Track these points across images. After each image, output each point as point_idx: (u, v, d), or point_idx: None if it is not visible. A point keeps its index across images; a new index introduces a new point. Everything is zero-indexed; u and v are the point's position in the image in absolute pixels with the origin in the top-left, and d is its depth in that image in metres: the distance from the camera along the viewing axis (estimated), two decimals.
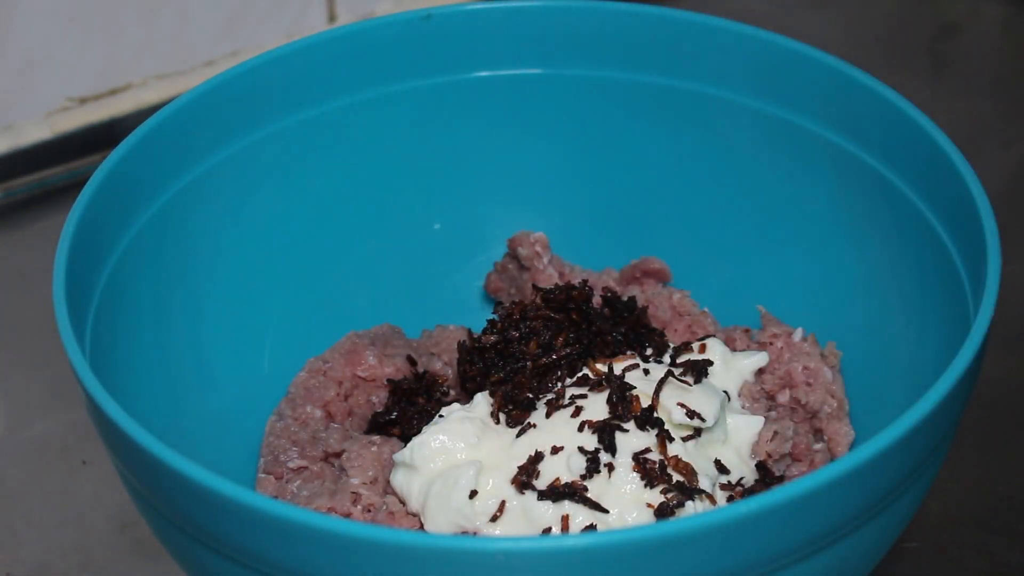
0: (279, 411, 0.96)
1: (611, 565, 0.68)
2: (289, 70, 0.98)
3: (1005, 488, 1.01)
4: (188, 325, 0.95)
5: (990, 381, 0.98)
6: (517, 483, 0.83)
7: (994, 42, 1.47)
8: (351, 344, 0.98)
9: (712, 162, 1.02)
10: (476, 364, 0.91)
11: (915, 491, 0.78)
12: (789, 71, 0.96)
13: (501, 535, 0.82)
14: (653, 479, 0.82)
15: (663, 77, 1.00)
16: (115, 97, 1.32)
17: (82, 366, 0.76)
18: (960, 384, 0.74)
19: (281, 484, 0.92)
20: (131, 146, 0.90)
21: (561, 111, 1.03)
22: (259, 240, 1.00)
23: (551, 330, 0.90)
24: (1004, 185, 1.27)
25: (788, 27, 1.03)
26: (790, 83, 0.96)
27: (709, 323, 0.99)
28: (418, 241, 1.06)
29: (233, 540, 0.72)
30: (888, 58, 1.43)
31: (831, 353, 0.95)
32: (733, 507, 0.67)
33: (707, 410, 0.86)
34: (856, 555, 0.77)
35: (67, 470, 1.06)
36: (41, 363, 1.14)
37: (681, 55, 0.99)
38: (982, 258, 0.80)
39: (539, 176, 1.06)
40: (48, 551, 1.00)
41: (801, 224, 0.99)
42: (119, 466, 0.79)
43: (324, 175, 1.02)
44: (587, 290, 0.92)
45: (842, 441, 0.92)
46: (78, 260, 0.83)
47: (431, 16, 1.00)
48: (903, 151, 0.90)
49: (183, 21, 1.32)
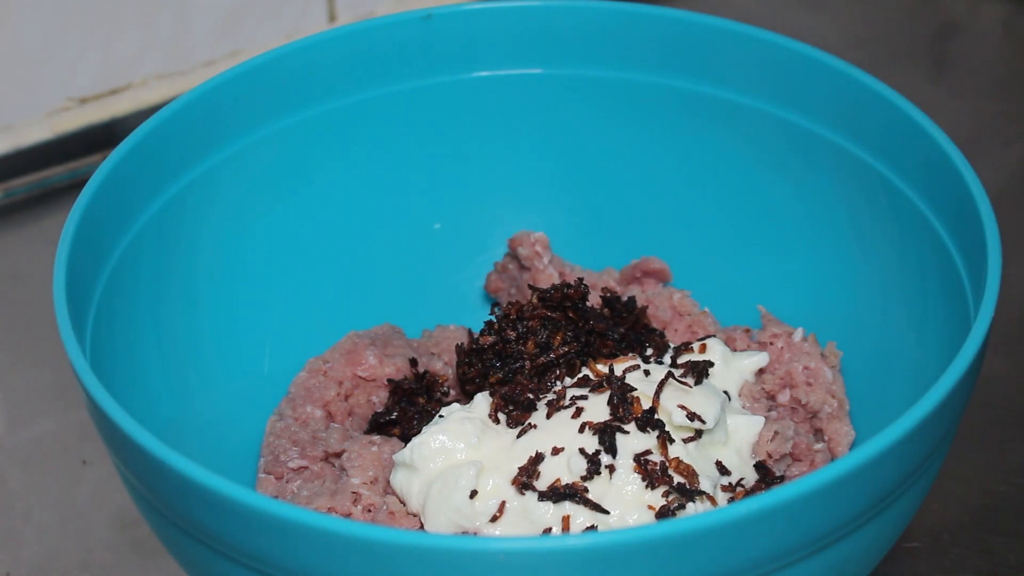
0: (279, 411, 0.96)
1: (611, 565, 0.68)
2: (289, 70, 0.98)
3: (1005, 488, 1.01)
4: (188, 325, 0.95)
5: (990, 381, 0.98)
6: (517, 484, 0.83)
7: (995, 42, 1.47)
8: (351, 344, 0.98)
9: (712, 162, 1.02)
10: (475, 365, 0.91)
11: (915, 491, 0.78)
12: (789, 71, 0.96)
13: (501, 535, 0.82)
14: (654, 480, 0.82)
15: (663, 77, 1.00)
16: (115, 97, 1.32)
17: (82, 366, 0.76)
18: (960, 384, 0.74)
19: (281, 484, 0.92)
20: (131, 146, 0.90)
21: (561, 111, 1.03)
22: (259, 240, 0.99)
23: (548, 329, 0.91)
24: (1005, 185, 1.27)
25: (788, 27, 1.03)
26: (790, 83, 0.96)
27: (709, 323, 0.99)
28: (418, 241, 1.05)
29: (233, 540, 0.72)
30: (888, 58, 1.43)
31: (831, 353, 0.95)
32: (734, 507, 0.67)
33: (708, 412, 0.86)
34: (857, 555, 0.77)
35: (67, 470, 1.06)
36: (41, 363, 1.14)
37: (681, 55, 0.99)
38: (982, 258, 0.80)
39: (539, 176, 1.06)
40: (48, 551, 1.00)
41: (802, 224, 0.99)
42: (119, 466, 0.79)
43: (324, 175, 1.02)
44: (583, 288, 0.92)
45: (842, 441, 0.92)
46: (78, 260, 0.83)
47: (431, 16, 1.00)
48: (904, 151, 0.90)
49: (183, 21, 1.32)
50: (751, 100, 0.98)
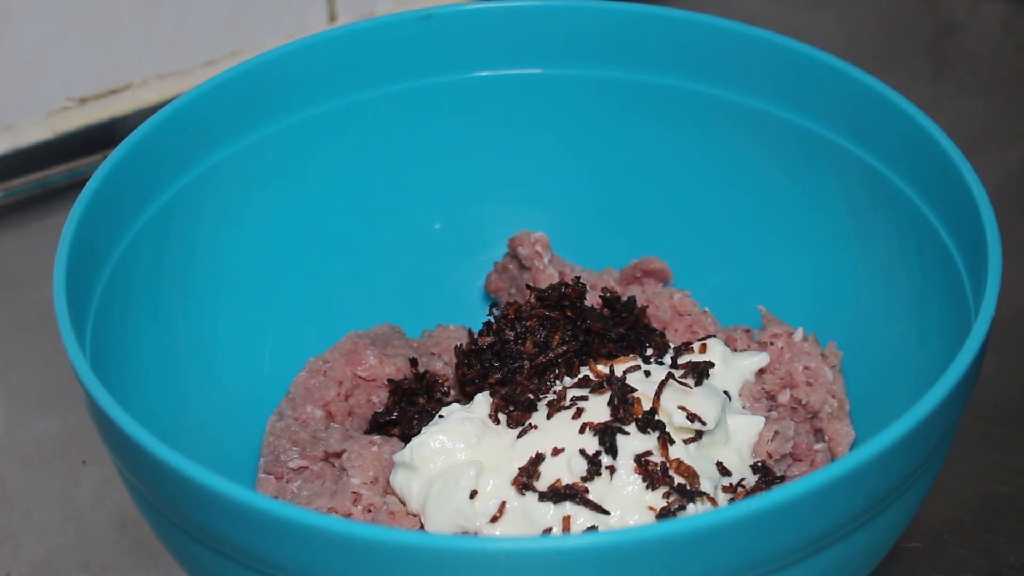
0: (279, 411, 0.96)
1: (612, 565, 0.68)
2: (289, 70, 0.98)
3: (1005, 488, 1.01)
4: (188, 325, 0.95)
5: (990, 381, 0.98)
6: (518, 484, 0.83)
7: (994, 42, 1.47)
8: (351, 344, 0.98)
9: (713, 162, 1.02)
10: (473, 367, 0.91)
11: (916, 491, 0.78)
12: (790, 71, 0.96)
13: (501, 536, 0.82)
14: (655, 481, 0.82)
15: (663, 77, 1.00)
16: (115, 97, 1.32)
17: (82, 366, 0.76)
18: (961, 384, 0.74)
19: (281, 484, 0.92)
20: (131, 146, 0.90)
21: (561, 111, 1.03)
22: (259, 240, 0.99)
23: (547, 329, 0.91)
24: (1005, 185, 1.27)
25: (788, 27, 1.03)
26: (791, 83, 0.96)
27: (710, 323, 0.99)
28: (419, 241, 1.05)
29: (233, 540, 0.72)
30: (889, 58, 1.43)
31: (831, 353, 0.95)
32: (734, 507, 0.67)
33: (708, 413, 0.86)
34: (857, 555, 0.77)
35: (67, 470, 1.06)
36: (41, 363, 1.14)
37: (682, 55, 0.99)
38: (983, 258, 0.80)
39: (539, 176, 1.06)
40: (48, 551, 1.00)
41: (802, 224, 0.99)
42: (119, 466, 0.79)
43: (324, 175, 1.02)
44: (581, 286, 0.92)
45: (843, 441, 0.92)
46: (78, 260, 0.83)
47: (431, 16, 1.00)
48: (904, 151, 0.90)
49: (183, 21, 1.32)
50: (752, 100, 0.98)
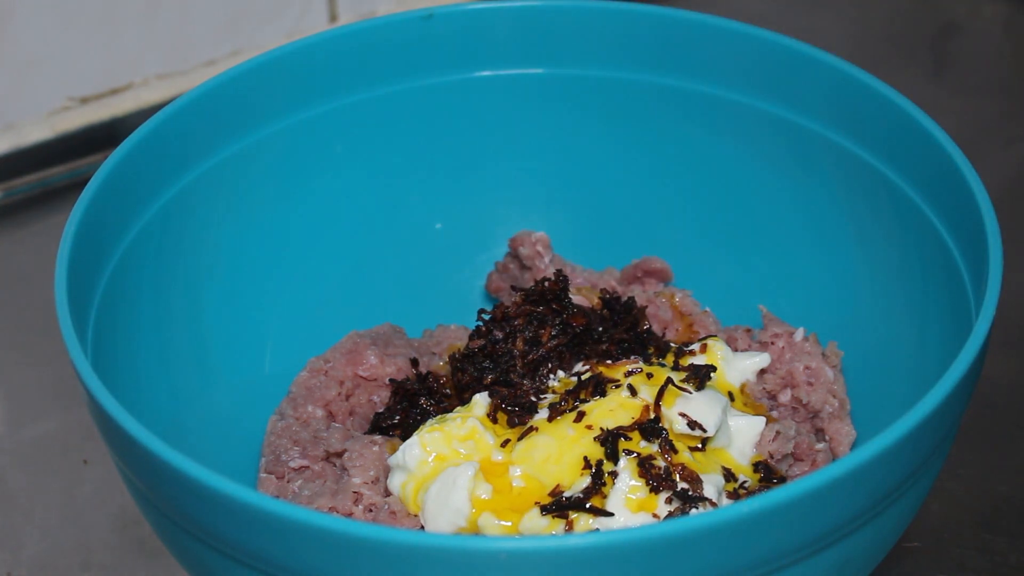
0: (280, 410, 0.96)
1: (612, 565, 0.68)
2: (289, 70, 0.98)
3: (1005, 488, 1.01)
4: (189, 324, 0.95)
5: (991, 381, 0.98)
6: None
7: (995, 42, 1.47)
8: (352, 344, 0.98)
9: (714, 162, 1.02)
10: (468, 371, 0.91)
11: (916, 491, 0.78)
12: (791, 71, 0.96)
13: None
14: (659, 485, 0.82)
15: (664, 77, 1.00)
16: (116, 97, 1.32)
17: (83, 365, 0.76)
18: (962, 384, 0.74)
19: (282, 484, 0.92)
20: (132, 146, 0.90)
21: (562, 111, 1.03)
22: (260, 240, 1.00)
23: (535, 325, 0.91)
24: (1006, 185, 1.27)
25: (788, 27, 1.03)
26: (792, 83, 0.96)
27: (710, 323, 0.99)
28: (419, 240, 1.06)
29: (234, 539, 0.72)
30: (889, 58, 1.43)
31: (832, 353, 0.95)
32: (735, 507, 0.67)
33: (708, 419, 0.86)
34: (858, 555, 0.77)
35: (68, 470, 1.06)
36: (42, 362, 1.14)
37: (682, 55, 0.99)
38: (984, 258, 0.80)
39: (540, 176, 1.06)
40: (49, 551, 1.00)
41: (803, 224, 0.99)
42: (120, 465, 0.79)
43: (324, 175, 1.02)
44: (561, 279, 0.93)
45: (844, 441, 0.92)
46: (80, 259, 0.83)
47: (432, 16, 1.00)
48: (905, 151, 0.90)
49: (183, 21, 1.32)
50: (752, 100, 0.98)
